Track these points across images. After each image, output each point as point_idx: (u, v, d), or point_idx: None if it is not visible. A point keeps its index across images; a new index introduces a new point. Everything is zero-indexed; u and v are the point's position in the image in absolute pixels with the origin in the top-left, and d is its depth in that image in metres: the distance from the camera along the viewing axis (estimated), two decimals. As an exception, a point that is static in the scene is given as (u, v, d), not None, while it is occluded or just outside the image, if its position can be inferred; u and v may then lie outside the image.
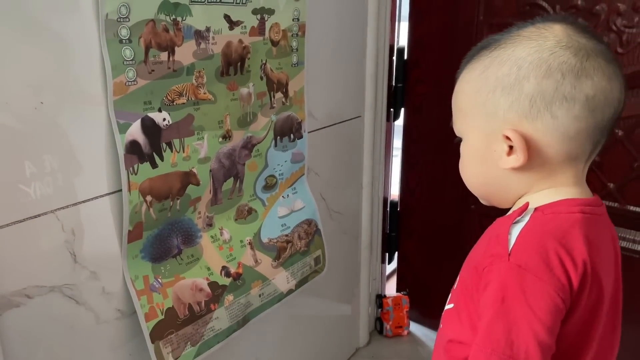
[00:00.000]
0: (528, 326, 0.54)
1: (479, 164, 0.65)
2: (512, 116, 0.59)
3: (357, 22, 1.33)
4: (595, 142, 0.60)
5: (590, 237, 0.58)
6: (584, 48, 0.58)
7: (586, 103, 0.57)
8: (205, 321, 0.97)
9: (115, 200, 0.82)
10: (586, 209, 0.60)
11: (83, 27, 0.73)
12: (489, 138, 0.62)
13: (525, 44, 0.59)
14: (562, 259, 0.56)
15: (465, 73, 0.65)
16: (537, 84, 0.57)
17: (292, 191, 1.18)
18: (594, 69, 0.57)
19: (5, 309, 0.71)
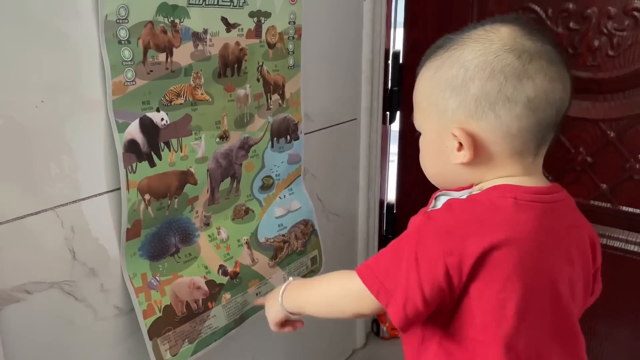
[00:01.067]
0: (406, 271, 0.61)
1: (434, 157, 0.70)
2: (459, 115, 0.64)
3: (353, 25, 1.35)
4: (541, 139, 0.64)
5: (520, 223, 0.61)
6: (527, 51, 0.61)
7: (527, 103, 0.61)
8: (202, 319, 0.98)
9: (114, 198, 0.83)
10: (525, 196, 0.63)
11: (82, 27, 0.74)
12: (441, 135, 0.66)
13: (473, 47, 0.62)
14: (464, 236, 0.60)
15: (422, 71, 0.69)
16: (482, 85, 0.61)
17: (289, 192, 1.20)
18: (535, 71, 0.61)
19: (5, 304, 0.73)
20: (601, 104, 1.24)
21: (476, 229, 0.61)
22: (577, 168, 1.29)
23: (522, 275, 0.61)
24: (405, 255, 0.62)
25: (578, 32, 1.22)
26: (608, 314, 1.33)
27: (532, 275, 0.62)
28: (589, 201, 1.29)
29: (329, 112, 1.31)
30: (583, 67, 1.23)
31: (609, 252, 1.30)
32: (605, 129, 1.23)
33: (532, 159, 0.66)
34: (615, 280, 1.29)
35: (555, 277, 0.65)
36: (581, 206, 1.29)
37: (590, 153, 1.27)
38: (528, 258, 0.61)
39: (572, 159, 1.29)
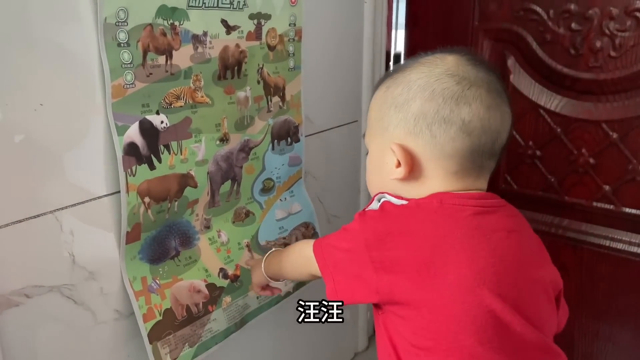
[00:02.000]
0: (340, 257, 0.69)
1: (376, 173, 0.73)
2: (399, 132, 0.67)
3: (354, 27, 1.35)
4: (477, 163, 0.66)
5: (445, 228, 0.63)
6: (468, 78, 0.64)
7: (462, 126, 0.63)
8: (203, 322, 0.98)
9: (113, 201, 0.83)
10: (452, 199, 0.65)
11: (82, 30, 0.74)
12: (383, 150, 0.69)
13: (419, 69, 0.66)
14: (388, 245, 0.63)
15: (376, 91, 0.73)
16: (422, 105, 0.65)
17: (290, 194, 1.19)
18: (473, 97, 0.64)
19: (4, 308, 0.72)
20: (603, 105, 1.23)
21: (400, 238, 0.64)
22: (579, 170, 1.28)
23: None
24: (343, 242, 0.69)
25: (580, 33, 1.21)
26: (611, 315, 1.32)
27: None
28: (592, 203, 1.29)
29: (329, 114, 1.31)
30: (585, 68, 1.22)
31: (612, 255, 1.29)
32: (608, 130, 1.23)
33: (472, 180, 0.68)
34: (618, 282, 1.29)
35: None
36: (584, 208, 1.30)
37: (592, 154, 1.26)
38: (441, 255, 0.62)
39: (575, 160, 1.28)
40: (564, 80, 1.26)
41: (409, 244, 0.63)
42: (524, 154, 1.35)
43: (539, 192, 1.35)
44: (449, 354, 0.62)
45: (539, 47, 1.27)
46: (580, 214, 1.32)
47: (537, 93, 1.30)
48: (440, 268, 0.61)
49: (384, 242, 0.64)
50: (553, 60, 1.26)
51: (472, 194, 0.67)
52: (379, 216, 0.68)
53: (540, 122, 1.31)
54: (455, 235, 0.62)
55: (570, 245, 1.34)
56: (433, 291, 0.61)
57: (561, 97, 1.27)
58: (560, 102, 1.28)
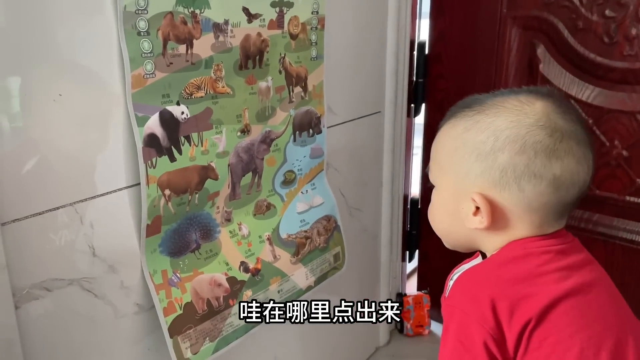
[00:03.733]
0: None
1: (447, 215, 0.70)
2: (482, 182, 0.63)
3: (378, 16, 1.32)
4: (560, 213, 0.65)
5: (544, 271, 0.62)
6: (559, 130, 0.61)
7: (553, 181, 0.61)
8: (223, 317, 0.96)
9: (133, 193, 0.82)
10: (534, 244, 0.64)
11: (101, 19, 0.72)
12: (458, 196, 0.66)
13: (506, 117, 0.62)
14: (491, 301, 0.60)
15: (447, 127, 0.68)
16: (511, 157, 0.61)
17: (311, 187, 1.17)
18: (565, 152, 0.61)
19: (25, 301, 0.72)
20: (638, 95, 1.18)
21: (486, 289, 0.62)
22: (611, 162, 1.24)
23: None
24: (450, 349, 0.63)
25: (614, 20, 1.16)
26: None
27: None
28: (624, 197, 1.24)
29: (352, 105, 1.28)
30: (619, 56, 1.18)
31: (645, 250, 1.25)
32: (643, 122, 1.18)
33: (551, 229, 0.66)
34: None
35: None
36: (616, 202, 1.25)
37: (625, 146, 1.21)
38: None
39: (607, 152, 1.24)
40: (597, 70, 1.21)
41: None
42: (553, 146, 1.31)
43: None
44: None
45: (570, 35, 1.23)
46: (612, 209, 1.28)
47: (568, 83, 1.26)
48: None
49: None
50: (585, 49, 1.22)
51: (549, 234, 0.66)
52: (461, 288, 0.66)
53: (571, 113, 1.26)
54: (547, 282, 0.62)
55: (600, 240, 1.30)
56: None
57: (593, 87, 1.23)
58: (592, 93, 1.23)
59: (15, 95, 0.67)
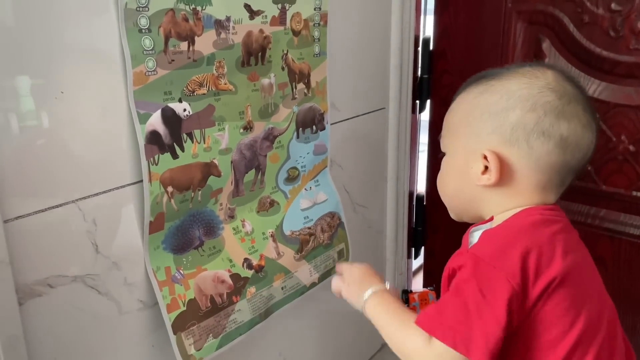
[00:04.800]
0: (478, 312, 0.60)
1: (456, 178, 0.72)
2: (493, 139, 0.66)
3: (381, 11, 1.31)
4: (562, 179, 0.68)
5: (554, 237, 0.65)
6: (568, 94, 0.65)
7: (560, 141, 0.64)
8: (227, 313, 0.96)
9: (136, 190, 0.82)
10: (546, 212, 0.67)
11: (102, 16, 0.73)
12: (469, 156, 0.69)
13: (519, 79, 0.67)
14: (523, 253, 0.62)
15: (461, 95, 0.72)
16: (522, 115, 0.65)
17: (315, 183, 1.17)
18: (572, 114, 0.65)
19: (28, 298, 0.72)
20: (645, 89, 1.17)
21: (520, 243, 0.63)
22: (618, 157, 1.22)
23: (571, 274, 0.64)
24: (471, 298, 0.61)
25: (620, 13, 1.15)
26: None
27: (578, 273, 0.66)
28: (631, 192, 1.23)
29: (356, 101, 1.28)
30: (626, 50, 1.16)
31: (653, 247, 1.24)
32: (650, 116, 1.17)
33: (553, 196, 0.69)
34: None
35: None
36: (622, 198, 1.24)
37: (632, 141, 1.20)
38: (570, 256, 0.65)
39: (614, 147, 1.22)
40: (603, 64, 1.20)
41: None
42: (559, 142, 1.30)
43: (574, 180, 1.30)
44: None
45: (576, 29, 1.22)
46: (619, 204, 1.26)
47: (573, 77, 1.25)
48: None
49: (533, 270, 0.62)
50: (591, 43, 1.20)
51: (554, 206, 0.69)
52: (491, 241, 0.66)
53: (577, 108, 1.25)
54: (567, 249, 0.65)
55: (607, 236, 1.29)
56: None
57: (600, 82, 1.21)
58: (598, 87, 1.22)
59: (17, 93, 0.67)
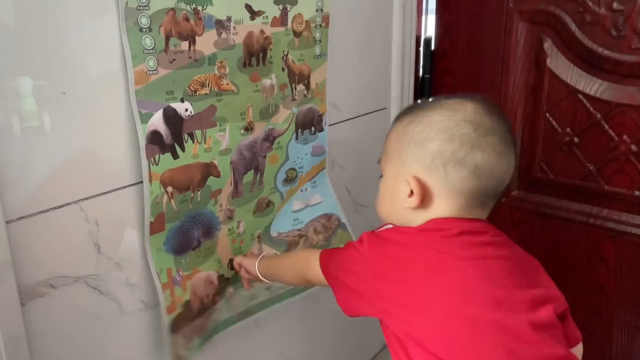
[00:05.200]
0: (344, 274, 0.75)
1: (388, 198, 0.79)
2: (416, 166, 0.73)
3: (383, 12, 1.31)
4: (481, 202, 0.73)
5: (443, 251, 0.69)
6: (484, 127, 0.71)
7: (474, 169, 0.70)
8: (209, 313, 0.97)
9: (138, 191, 0.82)
10: (447, 223, 0.72)
11: (103, 15, 0.73)
12: (397, 180, 0.75)
13: (440, 112, 0.72)
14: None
15: (397, 123, 0.78)
16: (440, 145, 0.71)
17: (312, 185, 1.16)
18: (487, 145, 0.70)
19: (30, 298, 0.72)
20: (647, 89, 1.17)
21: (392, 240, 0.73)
22: (620, 157, 1.22)
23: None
24: (348, 256, 0.75)
25: (622, 13, 1.15)
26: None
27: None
28: (633, 192, 1.23)
29: (358, 101, 1.28)
30: (627, 50, 1.16)
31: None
32: (652, 116, 1.16)
33: (470, 215, 0.74)
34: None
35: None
36: (625, 197, 1.24)
37: (634, 141, 1.20)
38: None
39: (615, 147, 1.22)
40: (605, 64, 1.20)
41: (407, 270, 0.70)
42: (561, 141, 1.29)
43: (576, 180, 1.30)
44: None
45: (578, 29, 1.21)
46: (621, 204, 1.26)
47: (575, 77, 1.24)
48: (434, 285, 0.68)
49: (387, 271, 0.70)
50: (593, 43, 1.20)
51: (464, 218, 0.73)
52: (386, 243, 0.74)
53: (579, 107, 1.25)
54: (448, 255, 0.69)
55: (609, 236, 1.28)
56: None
57: (602, 81, 1.21)
58: (600, 87, 1.21)
59: (19, 93, 0.67)
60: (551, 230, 1.37)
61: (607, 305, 1.33)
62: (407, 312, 0.68)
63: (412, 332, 0.67)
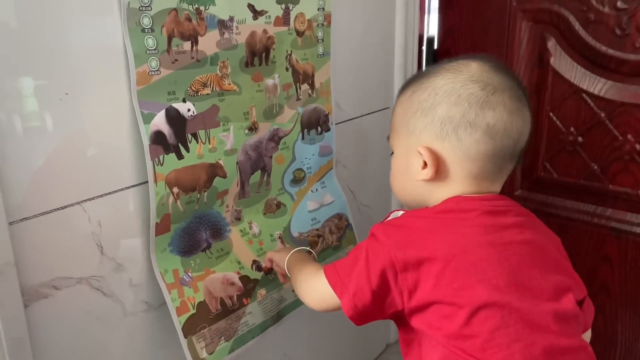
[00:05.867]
0: (359, 267, 0.68)
1: (402, 175, 0.75)
2: (426, 135, 0.69)
3: (385, 11, 1.31)
4: (499, 166, 0.70)
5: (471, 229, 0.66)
6: (492, 84, 0.68)
7: (487, 130, 0.67)
8: (238, 316, 0.96)
9: (141, 192, 0.82)
10: (467, 203, 0.69)
11: (105, 16, 0.72)
12: (408, 153, 0.72)
13: (444, 75, 0.70)
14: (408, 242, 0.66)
15: (400, 95, 0.76)
16: (448, 109, 0.67)
17: (321, 185, 1.16)
18: (497, 103, 0.67)
19: (33, 300, 0.72)
20: (652, 87, 1.16)
21: (409, 225, 0.69)
22: (624, 156, 1.22)
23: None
24: (360, 258, 0.69)
25: (626, 11, 1.14)
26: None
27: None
28: (638, 191, 1.22)
29: (360, 101, 1.27)
30: (632, 49, 1.16)
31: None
32: (656, 115, 1.16)
33: (489, 184, 0.71)
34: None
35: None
36: (629, 197, 1.23)
37: (639, 140, 1.19)
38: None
39: (620, 146, 1.22)
40: (609, 63, 1.19)
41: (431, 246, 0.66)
42: (565, 141, 1.29)
43: (580, 180, 1.29)
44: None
45: (581, 28, 1.21)
46: (625, 203, 1.25)
47: (579, 76, 1.24)
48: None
49: (407, 250, 0.66)
50: (597, 42, 1.20)
51: (485, 195, 0.70)
52: (401, 230, 0.70)
53: (583, 106, 1.24)
54: (465, 233, 0.66)
55: (613, 236, 1.28)
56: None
57: (605, 80, 1.21)
58: (604, 86, 1.21)
59: (21, 94, 0.67)
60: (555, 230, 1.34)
61: (611, 305, 1.32)
62: None
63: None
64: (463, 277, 0.63)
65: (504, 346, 0.62)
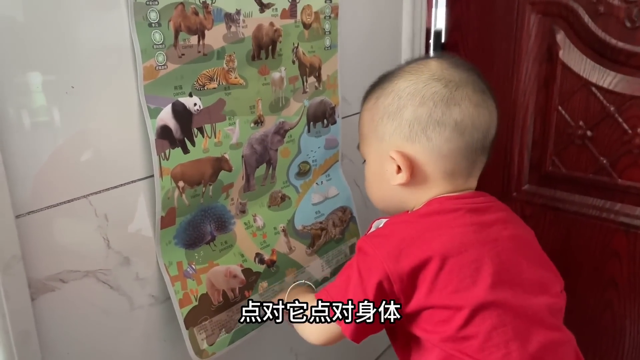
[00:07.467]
0: (353, 284, 0.68)
1: (377, 182, 0.76)
2: (396, 140, 0.70)
3: (393, 4, 1.30)
4: (471, 161, 0.70)
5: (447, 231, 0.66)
6: (453, 80, 0.68)
7: (455, 127, 0.67)
8: (239, 308, 0.96)
9: (147, 185, 0.82)
10: (449, 202, 0.69)
11: (112, 10, 0.72)
12: (381, 159, 0.72)
13: (405, 77, 0.70)
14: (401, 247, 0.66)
15: (364, 103, 0.76)
16: (414, 111, 0.68)
17: (326, 178, 1.16)
18: (461, 98, 0.67)
19: (40, 293, 0.72)
20: (662, 81, 1.15)
21: (398, 233, 0.68)
22: (634, 150, 1.21)
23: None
24: (352, 275, 0.69)
25: (636, 4, 1.13)
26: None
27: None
28: (647, 186, 1.21)
29: (367, 95, 1.26)
30: (642, 41, 1.14)
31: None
32: (667, 109, 1.14)
33: (464, 180, 0.71)
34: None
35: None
36: (638, 191, 1.22)
37: (649, 134, 1.18)
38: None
39: (629, 140, 1.20)
40: (619, 55, 1.18)
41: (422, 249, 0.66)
42: (574, 135, 1.28)
43: (589, 174, 1.28)
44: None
45: (591, 20, 1.19)
46: (635, 198, 1.24)
47: (588, 69, 1.23)
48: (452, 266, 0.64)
49: (400, 258, 0.66)
50: (607, 34, 1.18)
51: (465, 194, 0.71)
52: (384, 229, 0.71)
53: (592, 100, 1.23)
54: (456, 233, 0.66)
55: (622, 230, 1.27)
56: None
57: (615, 74, 1.19)
58: (614, 79, 1.20)
59: (28, 89, 0.67)
60: (563, 225, 1.36)
61: (619, 300, 1.31)
62: None
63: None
64: (458, 279, 0.64)
65: (501, 345, 0.62)
